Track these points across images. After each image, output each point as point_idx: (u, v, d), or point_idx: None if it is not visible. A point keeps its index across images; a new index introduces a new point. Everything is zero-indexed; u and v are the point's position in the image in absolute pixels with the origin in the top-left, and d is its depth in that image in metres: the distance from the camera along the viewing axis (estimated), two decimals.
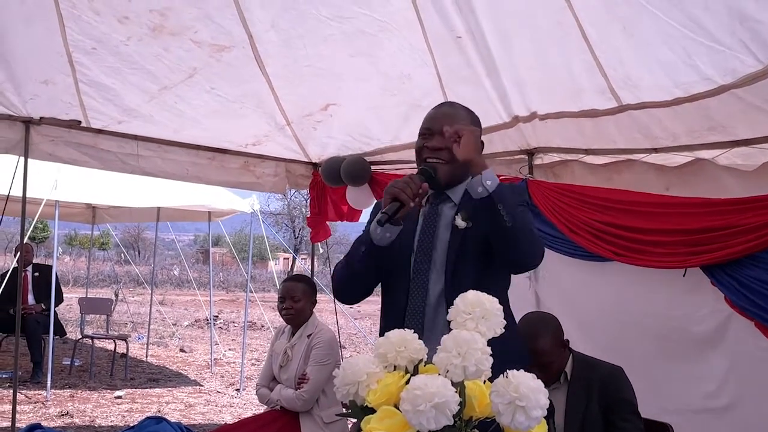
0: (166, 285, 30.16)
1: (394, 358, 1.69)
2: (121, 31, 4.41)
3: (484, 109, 4.54)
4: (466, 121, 2.66)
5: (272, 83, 5.01)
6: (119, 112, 5.22)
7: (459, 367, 1.58)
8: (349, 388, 1.68)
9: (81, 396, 8.77)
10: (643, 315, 4.29)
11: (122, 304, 16.58)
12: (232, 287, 32.01)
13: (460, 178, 2.68)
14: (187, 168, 5.82)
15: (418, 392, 1.51)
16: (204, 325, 17.21)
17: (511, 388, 1.54)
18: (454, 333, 1.65)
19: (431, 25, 4.15)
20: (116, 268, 30.41)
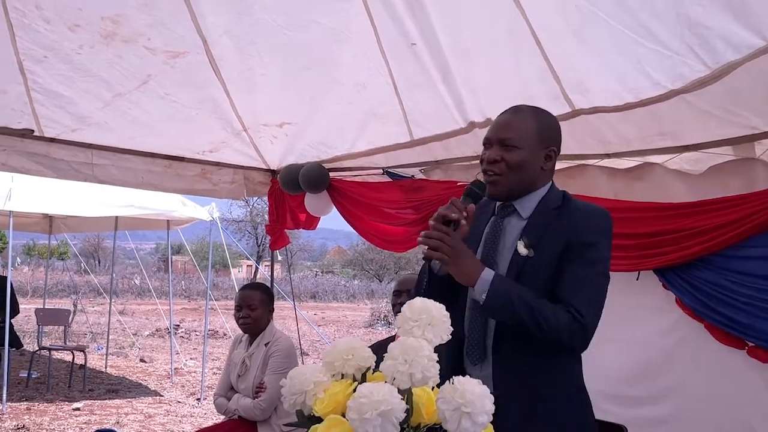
0: (126, 294, 29.86)
1: (342, 367, 1.69)
2: (73, 39, 4.35)
3: (441, 115, 4.58)
4: (531, 133, 2.48)
5: (228, 89, 4.98)
6: (72, 120, 5.15)
7: (405, 375, 1.58)
8: (297, 398, 1.68)
9: (38, 409, 8.65)
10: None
11: (81, 315, 16.36)
12: (194, 295, 31.78)
13: (527, 188, 2.51)
14: (143, 176, 5.76)
15: (364, 400, 1.51)
16: (165, 335, 17.06)
17: (457, 394, 1.54)
18: (400, 340, 1.65)
19: (385, 33, 4.15)
20: (75, 278, 30.00)
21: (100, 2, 4.13)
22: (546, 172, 2.52)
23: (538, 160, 2.48)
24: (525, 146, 2.46)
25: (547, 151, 2.50)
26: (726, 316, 3.68)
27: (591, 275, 2.36)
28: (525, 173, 2.47)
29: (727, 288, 3.68)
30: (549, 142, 2.52)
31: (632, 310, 4.20)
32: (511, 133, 2.48)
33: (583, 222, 2.41)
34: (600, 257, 2.38)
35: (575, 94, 3.89)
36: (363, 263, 46.04)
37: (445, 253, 2.31)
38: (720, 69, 3.21)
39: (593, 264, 2.37)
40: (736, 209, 3.60)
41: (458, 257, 2.33)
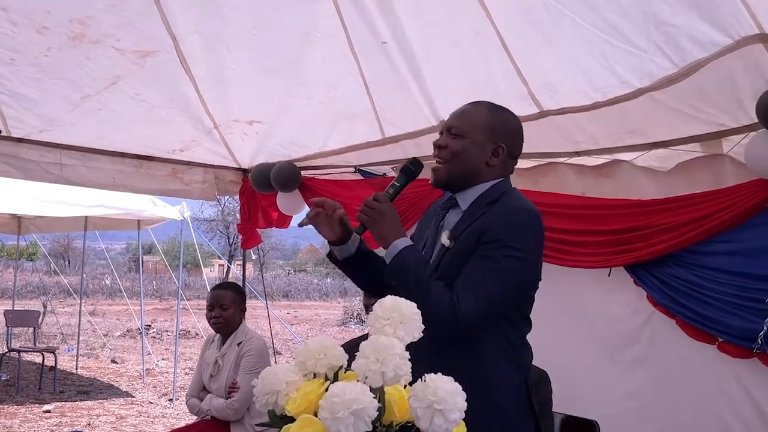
0: (97, 295, 29.61)
1: (314, 366, 1.69)
2: (41, 41, 4.31)
3: (413, 114, 4.60)
4: (480, 125, 2.50)
5: (198, 86, 4.96)
6: (40, 121, 5.10)
7: (377, 373, 1.59)
8: (269, 398, 1.68)
9: (7, 411, 8.56)
10: (568, 315, 4.36)
11: (51, 316, 16.20)
12: (166, 295, 31.59)
13: (469, 180, 2.52)
14: (114, 176, 5.71)
15: (336, 399, 1.51)
16: (136, 335, 16.95)
17: (429, 392, 1.55)
18: (372, 339, 1.66)
19: (356, 33, 4.17)
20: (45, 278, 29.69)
21: (69, 4, 4.10)
22: (493, 168, 2.50)
23: (482, 153, 2.48)
24: (470, 137, 2.49)
25: (495, 146, 2.49)
26: (696, 312, 3.73)
27: (484, 269, 2.32)
28: (466, 163, 2.48)
29: (697, 284, 3.72)
30: (498, 138, 2.50)
31: (605, 306, 4.25)
32: (460, 122, 2.52)
33: (497, 219, 2.39)
34: (500, 254, 2.33)
35: (542, 95, 3.93)
36: None
37: (366, 214, 2.44)
38: (687, 67, 3.26)
39: (491, 259, 2.33)
40: (704, 206, 3.65)
41: (377, 220, 2.43)
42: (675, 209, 3.78)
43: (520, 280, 2.37)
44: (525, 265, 2.36)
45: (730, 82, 3.24)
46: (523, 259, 2.34)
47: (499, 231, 2.35)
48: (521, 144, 2.61)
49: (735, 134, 3.54)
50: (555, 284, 4.41)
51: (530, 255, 2.37)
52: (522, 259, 2.34)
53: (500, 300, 2.34)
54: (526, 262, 2.36)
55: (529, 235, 2.38)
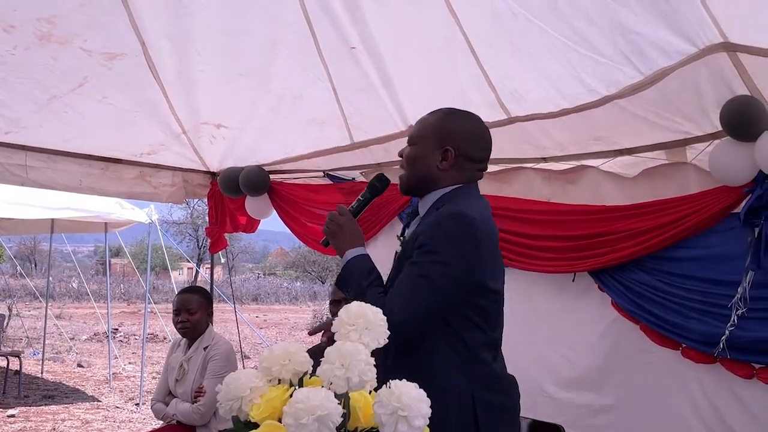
0: (64, 298, 29.31)
1: (279, 372, 1.69)
2: (7, 40, 4.25)
3: (381, 117, 4.61)
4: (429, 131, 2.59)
5: (166, 91, 4.93)
6: (6, 122, 5.03)
7: (342, 379, 1.59)
8: (233, 404, 1.67)
9: None
10: (533, 320, 4.39)
11: (17, 319, 16.00)
12: (134, 299, 31.33)
13: (425, 186, 2.58)
14: (81, 179, 5.65)
15: (300, 405, 1.52)
16: (103, 339, 16.77)
17: (394, 398, 1.56)
18: (337, 345, 1.66)
19: (325, 39, 4.17)
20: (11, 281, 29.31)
21: (36, 3, 4.04)
22: (446, 172, 2.54)
23: (432, 158, 2.54)
24: (420, 143, 2.58)
25: (443, 150, 2.53)
26: (660, 317, 3.76)
27: (411, 276, 2.38)
28: (419, 169, 2.57)
29: (660, 289, 3.76)
30: (446, 141, 2.54)
31: (569, 312, 4.28)
32: (414, 130, 2.64)
33: (428, 224, 2.45)
34: (426, 260, 2.38)
35: (510, 102, 3.95)
36: (305, 265, 45.87)
37: (328, 227, 2.59)
38: (653, 75, 3.29)
39: (417, 265, 2.38)
40: (669, 212, 3.69)
41: (336, 233, 2.58)
42: (640, 215, 3.82)
43: (445, 285, 2.37)
44: (449, 270, 2.36)
45: (694, 91, 3.29)
46: (448, 264, 2.36)
47: (427, 236, 2.40)
48: (482, 147, 2.65)
49: (699, 142, 3.60)
50: (519, 289, 4.45)
51: (456, 260, 2.37)
52: (447, 264, 2.36)
53: (424, 306, 2.36)
54: (451, 268, 2.37)
55: (455, 239, 2.38)
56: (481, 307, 2.45)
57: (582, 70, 3.49)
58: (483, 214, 2.51)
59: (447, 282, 2.36)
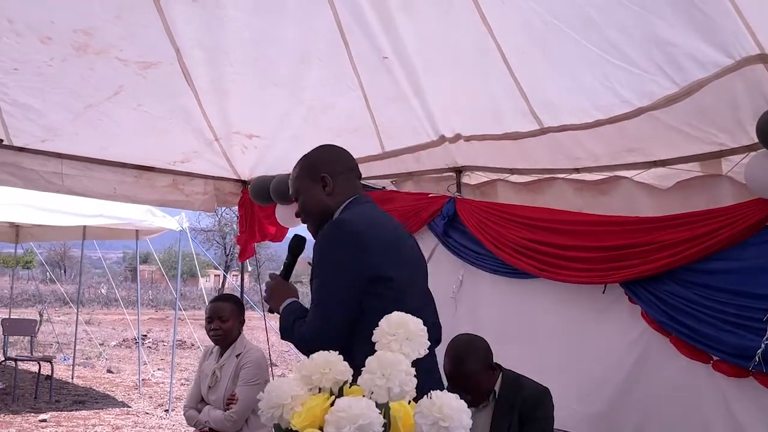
0: (93, 304, 29.54)
1: (319, 380, 1.70)
2: (44, 51, 4.32)
3: (413, 127, 4.64)
4: (299, 179, 2.88)
5: (200, 98, 4.98)
6: (42, 130, 5.11)
7: (383, 389, 1.60)
8: (274, 411, 1.69)
9: (3, 420, 8.55)
10: (562, 331, 4.38)
11: (47, 325, 16.18)
12: (162, 305, 31.51)
13: (327, 218, 2.82)
14: (115, 187, 5.72)
15: (342, 414, 1.53)
16: (132, 345, 16.91)
17: (435, 408, 1.57)
18: (378, 354, 1.67)
19: (357, 49, 4.19)
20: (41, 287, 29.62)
21: (73, 15, 4.11)
22: (332, 195, 2.82)
23: (317, 192, 2.83)
24: (302, 191, 2.87)
25: (320, 179, 2.82)
26: (692, 329, 3.73)
27: (314, 290, 2.65)
28: (313, 209, 2.85)
29: (694, 301, 3.73)
30: (317, 172, 2.83)
31: (598, 323, 4.25)
32: (290, 188, 2.93)
33: (316, 243, 2.71)
34: (319, 272, 2.66)
35: (543, 113, 3.96)
36: None
37: (264, 293, 2.95)
38: (688, 86, 3.28)
39: (316, 279, 2.66)
40: (703, 224, 3.65)
41: (270, 297, 2.91)
42: (674, 227, 3.79)
43: (343, 287, 2.60)
44: (341, 272, 2.61)
45: (730, 102, 3.27)
46: (339, 267, 2.62)
47: (316, 252, 2.68)
48: (346, 160, 2.94)
49: (735, 154, 3.57)
50: (548, 299, 4.46)
51: (344, 261, 2.61)
52: (338, 268, 2.63)
53: (331, 312, 2.60)
54: (343, 270, 2.61)
55: (338, 243, 2.65)
56: (383, 296, 2.60)
57: (616, 81, 3.49)
58: (365, 214, 2.75)
59: (343, 283, 2.60)
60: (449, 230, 4.98)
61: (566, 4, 3.31)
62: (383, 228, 2.77)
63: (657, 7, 3.07)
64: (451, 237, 4.99)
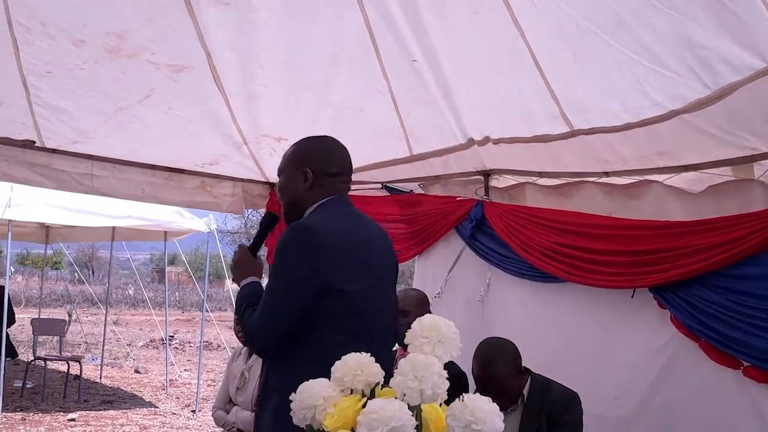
0: (120, 305, 29.75)
1: (351, 382, 1.71)
2: (77, 54, 4.37)
3: (441, 130, 4.63)
4: (286, 161, 2.93)
5: (230, 102, 5.01)
6: (74, 132, 5.16)
7: (416, 391, 1.61)
8: (306, 413, 1.70)
9: (33, 419, 8.63)
10: (590, 335, 4.36)
11: (76, 325, 16.32)
12: (188, 306, 31.67)
13: (297, 208, 2.86)
14: (143, 188, 5.77)
15: (374, 416, 1.53)
16: (159, 346, 17.03)
17: (467, 411, 1.57)
18: (411, 356, 1.68)
19: (387, 52, 4.20)
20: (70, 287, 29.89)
21: (106, 18, 4.15)
22: (312, 190, 2.82)
23: (296, 182, 2.84)
24: (284, 173, 2.91)
25: (302, 172, 2.82)
26: (722, 334, 3.70)
27: (266, 289, 2.69)
28: (287, 195, 2.88)
29: (725, 306, 3.69)
30: (302, 164, 2.84)
31: (626, 328, 4.23)
32: (280, 164, 2.96)
33: (278, 240, 2.72)
34: (272, 273, 2.71)
35: (574, 114, 3.94)
36: None
37: (231, 264, 2.97)
38: (720, 90, 3.24)
39: (269, 278, 2.71)
40: (735, 229, 3.62)
41: (234, 266, 2.92)
42: (705, 231, 3.76)
43: (289, 292, 2.62)
44: (290, 278, 2.63)
45: (763, 106, 3.23)
46: (289, 273, 2.64)
47: (274, 252, 2.69)
48: (337, 162, 2.92)
49: (767, 159, 3.54)
50: (576, 303, 4.44)
51: (295, 268, 2.63)
52: (287, 273, 2.65)
53: (274, 314, 2.62)
54: (292, 276, 2.63)
55: (292, 249, 2.66)
56: (334, 309, 2.63)
57: (647, 84, 3.46)
58: (329, 221, 2.72)
59: (288, 292, 2.62)
60: (477, 233, 4.97)
61: (598, 7, 3.30)
62: (349, 236, 2.75)
63: (689, 10, 3.04)
64: (478, 240, 4.98)
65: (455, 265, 5.21)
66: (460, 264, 5.19)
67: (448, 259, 5.27)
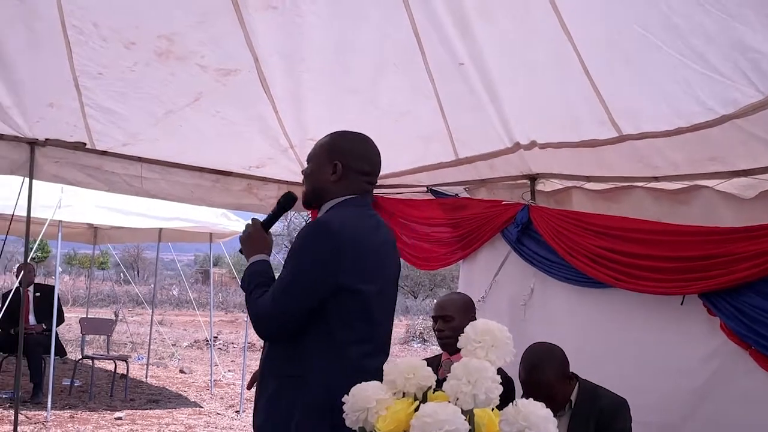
0: (165, 305, 30.05)
1: (403, 385, 1.72)
2: (128, 56, 4.43)
3: (487, 134, 4.62)
4: (319, 149, 2.93)
5: (276, 106, 5.04)
6: (124, 135, 5.24)
7: (469, 395, 1.61)
8: (359, 415, 1.71)
9: (81, 417, 8.76)
10: (638, 342, 4.32)
11: (121, 324, 16.55)
12: (231, 308, 31.88)
13: (319, 196, 2.91)
14: (192, 190, 5.84)
15: (428, 420, 1.54)
16: (203, 346, 17.18)
17: (521, 416, 1.57)
18: (464, 361, 1.68)
19: (433, 55, 4.20)
20: (115, 287, 30.30)
21: (157, 21, 4.20)
22: (338, 184, 2.84)
23: (324, 171, 2.85)
24: (314, 159, 2.93)
25: (332, 164, 2.84)
26: None
27: (279, 277, 2.74)
28: (313, 182, 2.90)
29: None
30: (334, 156, 2.86)
31: (675, 335, 4.19)
32: (311, 151, 2.98)
33: (300, 231, 2.81)
34: (288, 263, 2.73)
35: (622, 119, 3.91)
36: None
37: (241, 236, 2.97)
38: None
39: (284, 267, 2.74)
40: None
41: (245, 241, 2.94)
42: (756, 237, 3.71)
43: (303, 285, 2.66)
44: (306, 272, 2.68)
45: None
46: (305, 267, 2.69)
47: (294, 243, 2.77)
48: (368, 161, 2.94)
49: None
50: (623, 310, 4.41)
51: (312, 263, 2.67)
52: (304, 267, 2.69)
53: (284, 303, 2.66)
54: (308, 270, 2.68)
55: (312, 245, 2.71)
56: (346, 306, 2.68)
57: (698, 89, 3.42)
58: (352, 221, 2.76)
59: (304, 283, 2.66)
60: (522, 238, 4.96)
61: (649, 11, 3.27)
62: (368, 238, 2.80)
63: (740, 14, 3.01)
64: (524, 245, 4.96)
65: (501, 269, 5.20)
66: (505, 268, 5.18)
67: (493, 264, 5.26)
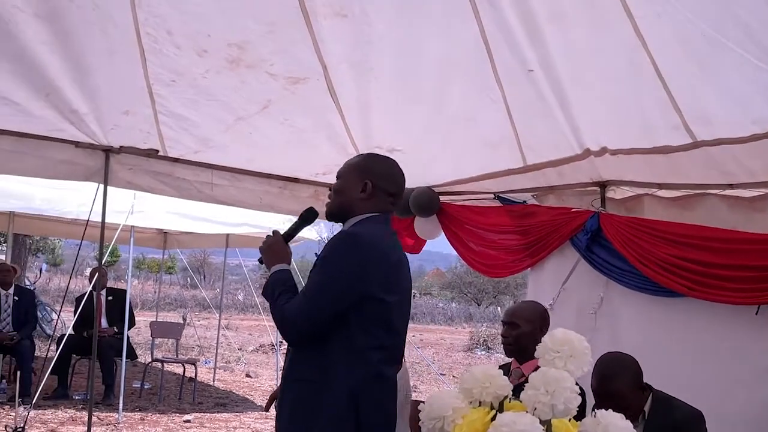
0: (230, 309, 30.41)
1: (480, 394, 1.72)
2: (200, 64, 4.51)
3: (556, 140, 4.58)
4: (351, 167, 3.08)
5: (344, 114, 5.08)
6: (195, 141, 5.34)
7: (547, 405, 1.60)
8: (435, 423, 1.71)
9: (151, 419, 8.91)
10: (712, 352, 4.23)
11: (189, 328, 16.78)
12: None
13: (345, 212, 3.05)
14: (260, 197, 5.92)
15: (505, 429, 1.54)
16: (269, 351, 17.33)
17: (600, 428, 1.55)
18: (542, 370, 1.67)
19: (502, 61, 4.18)
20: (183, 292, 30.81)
21: (228, 29, 4.27)
22: (366, 201, 2.99)
23: (354, 189, 3.00)
24: (345, 177, 3.07)
25: (363, 182, 2.98)
26: None
27: (308, 283, 2.86)
28: (342, 198, 3.04)
29: None
30: (366, 176, 3.01)
31: (750, 345, 4.10)
32: (341, 168, 3.12)
33: (329, 242, 2.94)
34: (318, 271, 2.86)
35: (697, 125, 3.84)
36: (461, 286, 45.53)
37: (261, 246, 3.10)
38: None
39: (315, 273, 2.86)
40: None
41: (265, 251, 3.08)
42: None
43: (332, 292, 2.79)
44: (335, 280, 2.81)
45: None
46: (335, 275, 2.81)
47: (324, 252, 2.88)
48: (395, 183, 3.11)
49: None
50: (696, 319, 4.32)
51: (342, 272, 2.80)
52: (334, 275, 2.82)
53: (312, 308, 2.79)
54: (337, 278, 2.81)
55: (342, 255, 2.85)
56: (367, 314, 2.80)
57: None
58: (378, 236, 2.92)
59: (333, 290, 2.79)
60: (592, 245, 4.89)
61: (724, 15, 3.21)
62: (390, 254, 2.96)
63: None
64: (594, 252, 4.90)
65: (569, 276, 5.14)
66: (574, 276, 5.12)
67: (562, 272, 5.20)
